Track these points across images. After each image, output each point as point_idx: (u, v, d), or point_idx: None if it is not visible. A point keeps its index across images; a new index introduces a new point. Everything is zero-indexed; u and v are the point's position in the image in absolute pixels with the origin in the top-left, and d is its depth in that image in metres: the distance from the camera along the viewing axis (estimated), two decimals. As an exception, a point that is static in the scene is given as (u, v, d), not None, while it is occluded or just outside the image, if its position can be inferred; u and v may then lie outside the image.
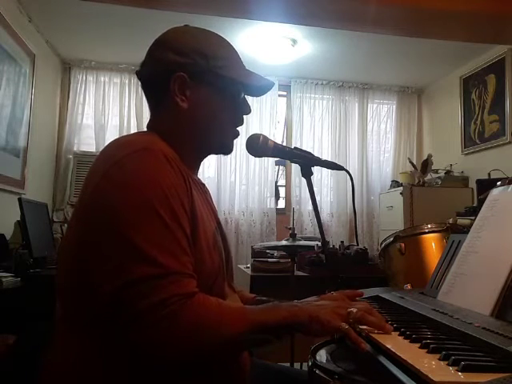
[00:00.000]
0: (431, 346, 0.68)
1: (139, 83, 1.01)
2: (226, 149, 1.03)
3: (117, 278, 0.74)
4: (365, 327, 0.80)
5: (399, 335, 0.78)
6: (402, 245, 1.75)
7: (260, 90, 1.04)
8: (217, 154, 1.07)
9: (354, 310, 0.82)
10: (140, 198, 0.77)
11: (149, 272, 0.73)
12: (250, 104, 1.03)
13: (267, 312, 0.81)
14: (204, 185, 1.06)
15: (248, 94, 1.03)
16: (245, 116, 1.05)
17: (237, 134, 1.04)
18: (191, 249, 0.81)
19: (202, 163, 1.06)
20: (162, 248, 0.75)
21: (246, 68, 1.03)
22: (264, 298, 1.10)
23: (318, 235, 3.09)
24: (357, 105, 4.83)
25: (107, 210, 0.78)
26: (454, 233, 1.49)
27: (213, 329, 0.75)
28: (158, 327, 0.72)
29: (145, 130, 1.01)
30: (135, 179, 0.79)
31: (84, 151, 4.35)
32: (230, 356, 0.86)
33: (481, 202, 1.08)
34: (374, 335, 0.78)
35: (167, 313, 0.72)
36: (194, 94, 0.95)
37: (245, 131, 1.05)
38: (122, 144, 0.88)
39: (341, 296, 0.94)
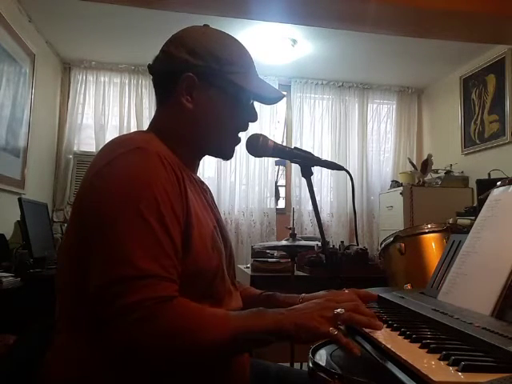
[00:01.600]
0: (431, 345, 0.68)
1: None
2: (224, 154, 1.03)
3: (98, 277, 0.74)
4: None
5: (399, 335, 0.78)
6: (402, 245, 1.75)
7: (270, 100, 1.03)
8: (215, 157, 1.07)
9: (341, 310, 0.79)
10: (126, 198, 0.77)
11: (126, 273, 0.73)
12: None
13: (252, 319, 0.79)
14: (203, 183, 1.06)
15: (257, 101, 1.03)
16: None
17: (238, 141, 1.03)
18: (178, 252, 0.79)
19: (201, 162, 1.06)
20: (143, 250, 0.75)
21: (259, 76, 1.02)
22: (270, 293, 1.09)
23: (318, 235, 3.09)
24: (357, 105, 4.83)
25: (96, 208, 0.78)
26: (454, 233, 1.48)
27: (189, 334, 0.74)
28: (130, 329, 0.71)
29: (144, 129, 1.01)
30: (125, 179, 0.79)
31: (84, 151, 4.36)
32: (211, 362, 0.83)
33: (481, 202, 1.08)
34: (374, 335, 0.77)
35: (140, 315, 0.71)
36: (201, 96, 0.94)
37: (245, 131, 1.07)
38: (118, 143, 0.88)
39: (350, 295, 0.93)
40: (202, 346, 0.74)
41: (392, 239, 1.82)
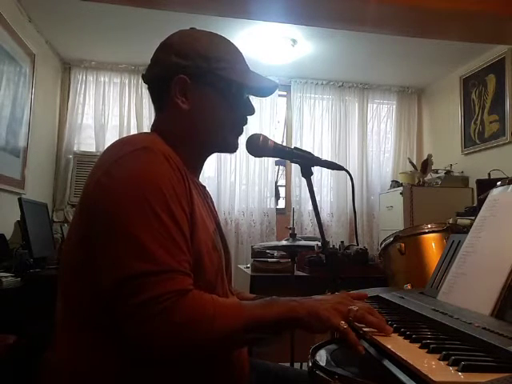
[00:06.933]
0: (431, 346, 0.68)
1: (139, 83, 1.03)
2: (229, 148, 1.04)
3: (113, 273, 0.75)
4: (366, 329, 0.79)
5: (399, 335, 0.78)
6: (402, 245, 1.75)
7: (264, 91, 1.04)
8: (220, 152, 1.07)
9: (355, 308, 0.81)
10: (137, 195, 0.78)
11: (143, 268, 0.74)
12: (250, 104, 1.03)
13: (264, 307, 0.81)
14: (205, 187, 1.07)
15: (252, 95, 1.03)
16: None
17: (240, 132, 1.04)
18: (189, 247, 0.81)
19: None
20: (158, 245, 0.76)
21: (250, 69, 1.03)
22: (263, 297, 1.09)
23: (318, 235, 3.09)
24: (357, 105, 4.83)
25: (106, 206, 0.79)
26: (454, 233, 1.49)
27: (206, 325, 0.75)
28: (150, 324, 0.72)
29: (146, 130, 1.01)
30: (134, 177, 0.80)
31: (84, 151, 4.35)
32: (226, 351, 0.86)
33: (481, 202, 1.08)
34: (373, 335, 0.77)
35: (159, 310, 0.72)
36: (195, 96, 0.95)
37: (245, 131, 1.07)
38: (124, 143, 0.89)
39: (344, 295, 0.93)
40: (217, 336, 0.76)
41: (392, 239, 1.82)
